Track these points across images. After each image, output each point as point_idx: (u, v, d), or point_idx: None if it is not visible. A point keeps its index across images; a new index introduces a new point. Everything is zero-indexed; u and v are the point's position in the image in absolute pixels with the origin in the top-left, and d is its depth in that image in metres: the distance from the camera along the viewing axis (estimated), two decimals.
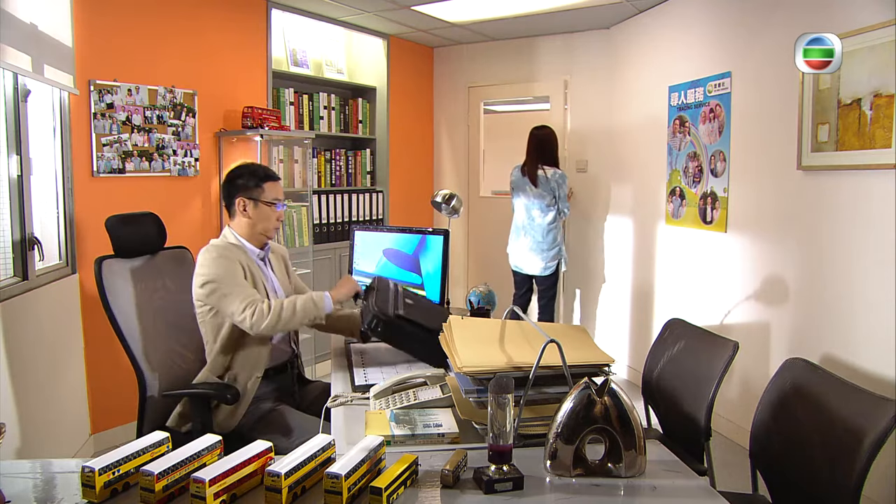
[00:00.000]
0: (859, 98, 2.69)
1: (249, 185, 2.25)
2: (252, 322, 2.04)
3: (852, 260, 2.80)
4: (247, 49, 4.11)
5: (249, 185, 2.25)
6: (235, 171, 2.30)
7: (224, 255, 2.15)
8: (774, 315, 3.28)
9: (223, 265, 2.13)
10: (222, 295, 2.09)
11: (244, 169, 2.30)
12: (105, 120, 3.33)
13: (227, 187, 2.30)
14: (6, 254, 2.66)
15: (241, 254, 2.22)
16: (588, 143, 5.01)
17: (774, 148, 3.22)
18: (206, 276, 2.12)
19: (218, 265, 2.12)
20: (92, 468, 1.20)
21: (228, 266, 2.13)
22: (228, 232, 2.29)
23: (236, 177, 2.28)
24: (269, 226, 2.29)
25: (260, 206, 2.25)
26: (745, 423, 2.80)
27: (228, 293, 2.08)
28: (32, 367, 2.73)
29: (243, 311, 2.05)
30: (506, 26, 4.91)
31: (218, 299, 2.10)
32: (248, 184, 2.25)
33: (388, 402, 1.73)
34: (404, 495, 1.26)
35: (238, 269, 2.15)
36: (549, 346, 1.42)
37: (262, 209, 2.26)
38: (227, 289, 2.09)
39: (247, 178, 2.26)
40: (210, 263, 2.13)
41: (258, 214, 2.26)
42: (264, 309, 2.05)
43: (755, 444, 1.89)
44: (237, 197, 2.25)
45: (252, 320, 2.04)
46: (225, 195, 2.31)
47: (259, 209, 2.26)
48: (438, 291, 2.65)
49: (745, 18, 3.47)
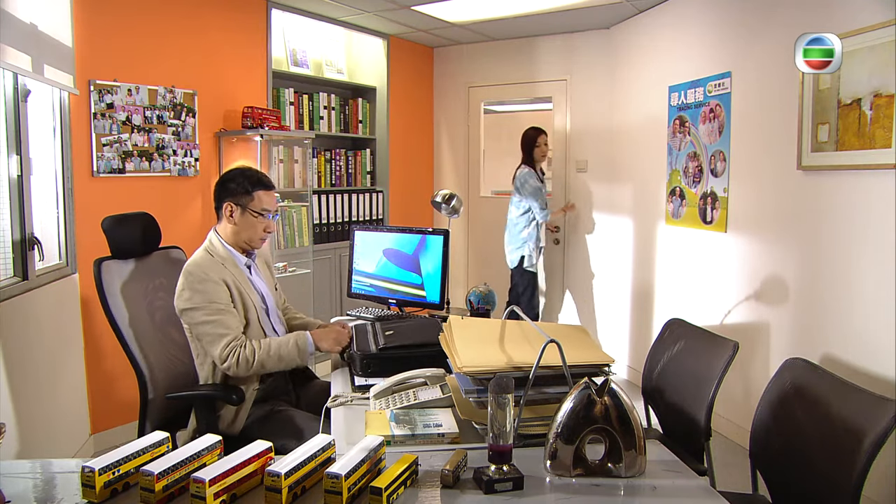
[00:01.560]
0: (859, 98, 2.69)
1: (239, 191, 2.17)
2: (235, 371, 2.02)
3: (852, 260, 2.79)
4: (247, 49, 4.11)
5: (239, 191, 2.17)
6: (229, 174, 2.23)
7: (207, 278, 2.06)
8: (774, 315, 3.28)
9: (208, 292, 2.04)
10: (205, 333, 2.04)
11: (238, 172, 2.22)
12: (105, 120, 3.33)
13: (217, 189, 2.23)
14: (6, 254, 2.66)
15: (227, 266, 2.14)
16: (588, 143, 5.01)
17: (774, 148, 3.22)
18: (189, 301, 2.05)
19: (202, 293, 2.04)
20: (92, 468, 1.20)
21: (213, 293, 2.05)
22: (214, 237, 2.21)
23: (228, 180, 2.20)
24: (253, 236, 2.21)
25: (247, 215, 2.17)
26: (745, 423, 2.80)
27: (212, 333, 2.02)
28: (32, 367, 2.73)
29: (226, 360, 2.01)
30: (506, 26, 4.91)
31: (200, 335, 2.06)
32: (238, 188, 2.17)
33: (388, 402, 1.73)
34: (404, 495, 1.26)
35: (223, 292, 2.07)
36: (549, 346, 1.42)
37: (248, 218, 2.18)
38: (210, 328, 2.02)
39: (239, 182, 2.18)
40: (194, 290, 2.04)
41: (244, 222, 2.18)
42: (247, 356, 2.01)
43: (755, 444, 1.89)
44: (225, 200, 2.18)
45: (235, 369, 2.02)
46: (215, 196, 2.24)
47: (245, 217, 2.17)
48: (438, 291, 2.65)
49: (745, 18, 3.47)
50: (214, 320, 2.03)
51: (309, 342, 2.12)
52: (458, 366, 1.53)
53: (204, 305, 2.04)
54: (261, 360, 2.03)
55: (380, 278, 2.82)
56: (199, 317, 2.04)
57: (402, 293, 2.76)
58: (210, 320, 2.03)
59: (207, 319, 2.03)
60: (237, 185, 2.19)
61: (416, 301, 2.72)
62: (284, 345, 2.08)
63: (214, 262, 2.13)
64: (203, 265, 2.10)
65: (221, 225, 2.23)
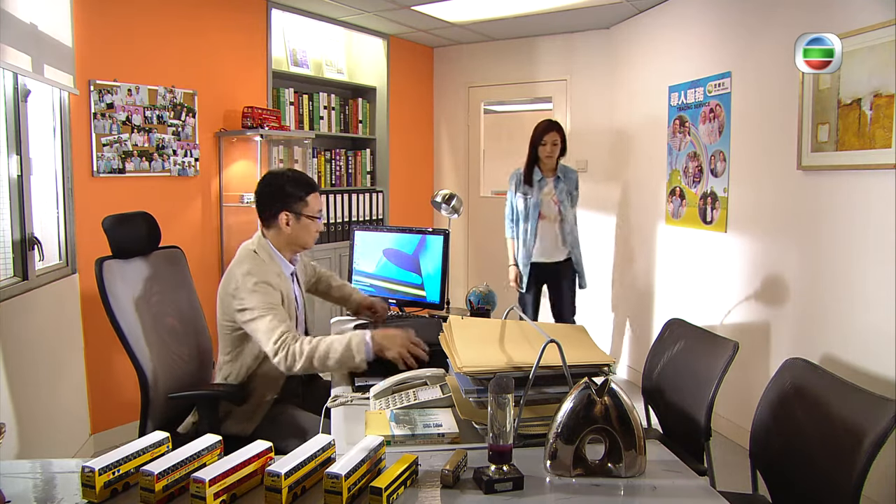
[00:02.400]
0: (859, 98, 2.69)
1: (294, 198, 2.13)
2: (286, 366, 1.96)
3: (852, 260, 2.79)
4: (247, 49, 4.11)
5: (294, 198, 2.13)
6: (277, 180, 2.17)
7: (266, 279, 2.05)
8: (774, 315, 3.28)
9: (264, 294, 2.03)
10: (256, 329, 2.01)
11: (287, 178, 2.16)
12: (105, 120, 3.33)
13: (270, 196, 2.15)
14: (6, 254, 2.66)
15: (277, 274, 2.13)
16: (588, 143, 5.01)
17: (774, 148, 3.22)
18: (245, 302, 2.02)
19: (260, 294, 2.02)
20: (92, 468, 1.20)
21: (269, 295, 2.03)
22: (265, 243, 2.18)
23: (281, 186, 2.14)
24: (308, 239, 2.20)
25: (303, 220, 2.15)
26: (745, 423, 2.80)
27: (265, 328, 1.99)
28: (32, 367, 2.73)
29: (276, 354, 1.96)
30: (506, 26, 4.91)
31: (253, 330, 2.03)
32: (293, 194, 2.13)
33: (388, 402, 1.73)
34: (404, 495, 1.26)
35: (277, 296, 2.07)
36: (549, 346, 1.42)
37: (304, 223, 2.15)
38: (264, 323, 1.99)
39: (292, 187, 2.14)
40: (251, 290, 2.02)
41: (300, 228, 2.16)
42: (296, 352, 1.94)
43: (755, 444, 1.89)
44: (282, 210, 2.13)
45: (286, 364, 1.95)
46: (265, 204, 2.16)
47: (301, 223, 2.15)
48: (438, 291, 2.65)
49: (745, 18, 3.47)
50: (268, 316, 2.00)
51: (367, 342, 1.95)
52: (458, 366, 1.53)
53: (261, 304, 2.02)
54: (309, 356, 1.94)
55: (380, 278, 2.82)
56: (257, 318, 2.01)
57: (402, 293, 2.76)
58: (266, 322, 2.00)
59: (264, 322, 2.00)
60: (292, 189, 2.14)
61: (416, 301, 2.72)
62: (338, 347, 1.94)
63: (266, 267, 2.12)
64: (259, 269, 2.09)
65: (273, 232, 2.18)
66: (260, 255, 2.15)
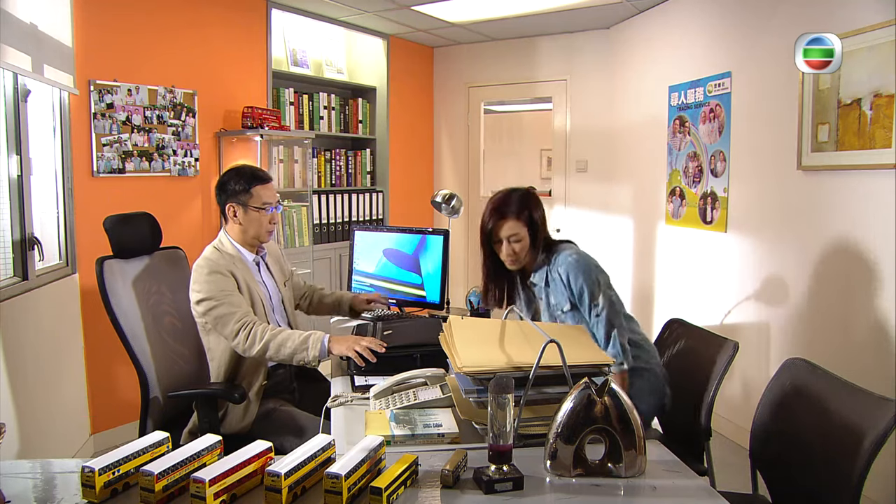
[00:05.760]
0: (859, 98, 2.69)
1: (238, 190, 2.21)
2: (244, 347, 2.05)
3: (852, 260, 2.79)
4: (247, 49, 4.11)
5: (238, 190, 2.21)
6: (224, 176, 2.27)
7: (216, 269, 2.12)
8: (774, 315, 3.28)
9: (216, 282, 2.11)
10: (218, 316, 2.08)
11: (233, 173, 2.26)
12: (105, 120, 3.33)
13: (217, 192, 2.27)
14: (6, 254, 2.66)
15: (235, 264, 2.20)
16: (588, 143, 5.01)
17: (774, 148, 3.21)
18: (200, 293, 2.11)
19: (211, 283, 2.10)
20: (92, 468, 1.20)
21: (222, 282, 2.11)
22: (224, 237, 2.27)
23: (225, 182, 2.24)
24: (260, 231, 2.25)
25: (249, 212, 2.21)
26: (745, 423, 2.79)
27: (224, 313, 2.08)
28: (32, 367, 2.73)
29: (236, 335, 2.05)
30: (506, 26, 4.91)
31: (214, 319, 2.10)
32: (236, 188, 2.21)
33: (388, 402, 1.73)
34: (404, 495, 1.26)
35: (231, 283, 2.13)
36: (549, 346, 1.42)
37: (251, 215, 2.22)
38: (222, 308, 2.08)
39: (235, 182, 2.22)
40: (204, 280, 2.11)
41: (248, 220, 2.22)
42: (256, 333, 2.04)
43: (755, 444, 1.89)
44: (227, 203, 2.23)
45: (245, 344, 2.05)
46: (217, 198, 2.27)
47: (249, 215, 2.22)
48: (438, 291, 2.65)
49: (745, 18, 3.47)
50: (225, 302, 2.09)
51: (324, 341, 2.03)
52: (458, 366, 1.53)
53: (214, 294, 2.09)
54: (267, 341, 2.03)
55: (380, 278, 2.82)
56: (211, 303, 2.09)
57: (402, 293, 2.76)
58: (224, 308, 2.08)
59: (218, 303, 2.08)
60: (234, 185, 2.22)
61: (416, 301, 2.72)
62: (295, 339, 2.04)
63: (222, 257, 2.20)
64: (211, 259, 2.17)
65: (229, 226, 2.27)
66: (220, 250, 2.22)
